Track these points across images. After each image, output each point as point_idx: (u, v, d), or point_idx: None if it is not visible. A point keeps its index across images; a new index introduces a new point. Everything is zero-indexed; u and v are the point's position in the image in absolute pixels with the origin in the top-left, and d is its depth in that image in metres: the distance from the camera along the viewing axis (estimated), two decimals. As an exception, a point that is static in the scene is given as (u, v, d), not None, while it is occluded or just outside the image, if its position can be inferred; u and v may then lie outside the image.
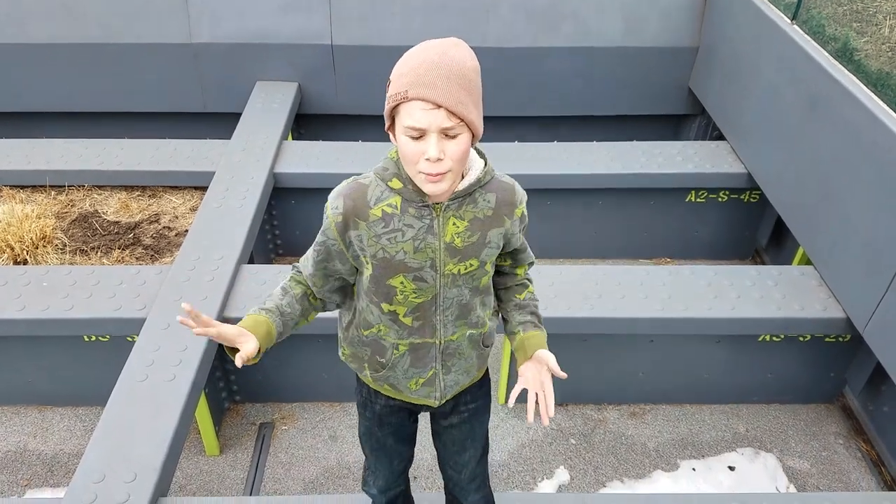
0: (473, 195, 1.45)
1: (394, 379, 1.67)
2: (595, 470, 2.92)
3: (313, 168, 3.78)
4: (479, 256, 1.49)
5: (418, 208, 1.42)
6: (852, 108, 2.86)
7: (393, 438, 1.84)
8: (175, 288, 2.86)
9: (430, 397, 1.71)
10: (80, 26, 4.32)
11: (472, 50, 1.35)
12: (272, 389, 3.16)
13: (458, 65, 1.28)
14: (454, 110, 1.27)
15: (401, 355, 1.61)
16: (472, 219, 1.46)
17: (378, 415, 1.79)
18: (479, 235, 1.47)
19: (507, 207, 1.50)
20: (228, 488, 2.82)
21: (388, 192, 1.43)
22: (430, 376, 1.66)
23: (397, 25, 4.33)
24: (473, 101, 1.31)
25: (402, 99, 1.28)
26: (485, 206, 1.47)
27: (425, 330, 1.57)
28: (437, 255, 1.46)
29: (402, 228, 1.43)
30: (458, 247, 1.46)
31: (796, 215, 3.30)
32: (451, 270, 1.48)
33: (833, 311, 2.89)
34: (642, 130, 4.75)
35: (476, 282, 1.53)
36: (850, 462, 2.98)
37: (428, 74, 1.26)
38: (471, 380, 1.76)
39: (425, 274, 1.47)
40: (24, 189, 3.82)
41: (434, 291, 1.51)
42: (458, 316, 1.57)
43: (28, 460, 2.90)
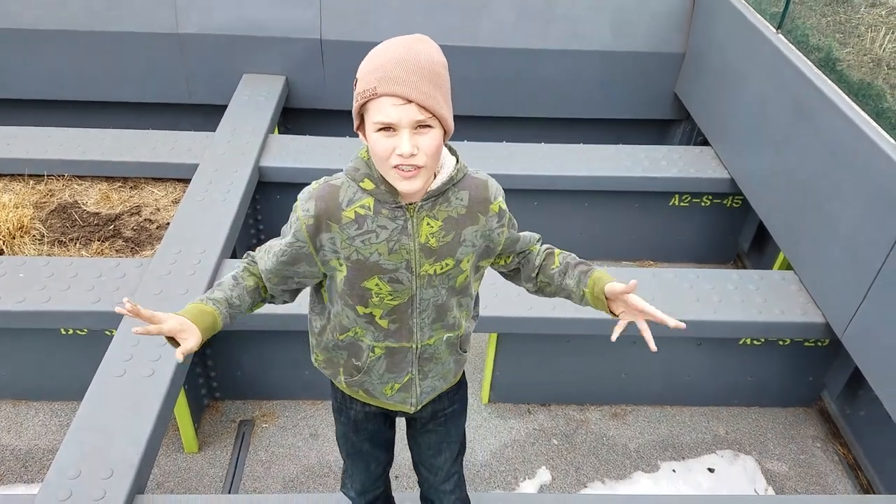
0: (446, 194, 1.43)
1: (369, 384, 1.64)
2: (576, 470, 2.93)
3: (299, 162, 3.75)
4: (454, 255, 1.47)
5: (391, 209, 1.40)
6: (834, 117, 2.89)
7: (369, 444, 1.82)
8: (156, 281, 2.82)
9: (405, 403, 1.68)
10: (66, 12, 4.24)
11: (437, 45, 1.33)
12: (253, 386, 3.13)
13: (426, 59, 1.27)
14: (424, 104, 1.25)
15: (377, 358, 1.58)
16: (445, 218, 1.44)
17: (353, 420, 1.76)
18: (454, 234, 1.45)
19: (481, 204, 1.47)
20: (207, 486, 2.78)
21: (360, 193, 1.41)
22: (406, 381, 1.63)
23: (387, 21, 4.31)
24: (443, 95, 1.30)
25: (371, 96, 1.27)
26: (458, 205, 1.45)
27: (402, 333, 1.54)
28: (413, 255, 1.43)
29: (376, 230, 1.40)
30: (433, 247, 1.44)
31: (778, 221, 3.34)
32: (427, 271, 1.46)
33: (812, 315, 2.93)
34: (628, 134, 4.78)
35: (452, 281, 1.51)
36: (828, 465, 3.02)
37: (396, 70, 1.25)
38: (447, 385, 1.73)
39: (401, 275, 1.45)
40: (1, 178, 3.75)
41: (410, 293, 1.48)
42: (434, 318, 1.54)
43: (1, 455, 2.84)
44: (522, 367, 3.12)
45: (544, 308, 2.88)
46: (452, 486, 1.91)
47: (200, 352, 2.93)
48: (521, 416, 3.17)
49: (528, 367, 3.13)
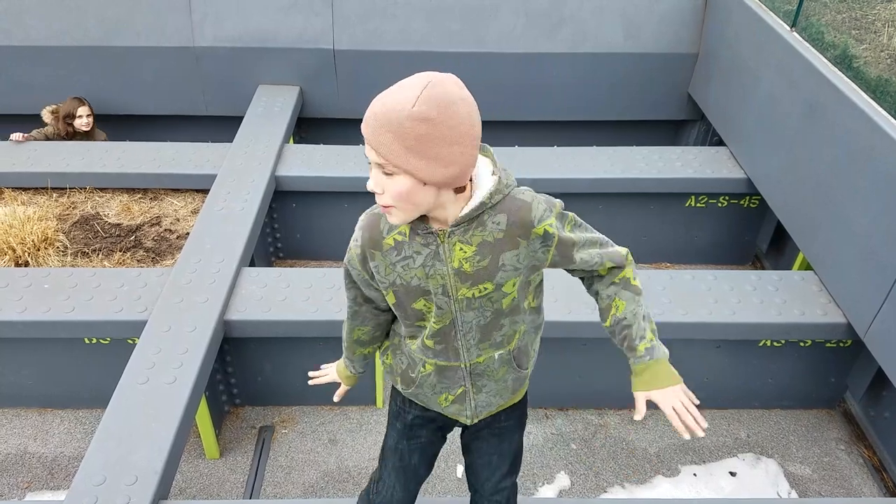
0: (481, 217, 1.39)
1: (423, 396, 1.67)
2: (596, 475, 2.92)
3: (314, 171, 3.79)
4: (493, 280, 1.44)
5: (423, 235, 1.41)
6: (851, 115, 2.87)
7: (419, 455, 1.81)
8: (176, 290, 2.86)
9: (460, 414, 1.69)
10: (83, 28, 4.33)
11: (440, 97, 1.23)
12: (272, 393, 3.16)
13: (396, 109, 1.23)
14: (378, 151, 1.27)
15: (427, 374, 1.61)
16: (480, 242, 1.40)
17: (409, 426, 1.77)
18: (490, 259, 1.41)
19: (521, 229, 1.41)
20: (228, 492, 2.81)
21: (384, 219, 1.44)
22: (460, 394, 1.64)
23: (398, 30, 4.35)
24: (406, 147, 1.24)
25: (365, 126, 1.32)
26: (494, 229, 1.40)
27: (448, 354, 1.56)
28: (448, 280, 1.44)
29: (413, 255, 1.43)
30: (467, 271, 1.42)
31: (796, 220, 3.31)
32: (465, 294, 1.45)
33: (834, 316, 2.90)
34: (642, 136, 4.76)
35: (497, 304, 1.48)
36: (852, 468, 2.98)
37: (369, 114, 1.28)
38: (507, 402, 1.73)
39: (439, 300, 1.47)
40: (25, 191, 3.83)
41: (451, 316, 1.49)
42: (480, 339, 1.53)
43: (28, 463, 2.90)
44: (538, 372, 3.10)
45: (560, 311, 2.88)
46: (502, 499, 1.87)
47: (221, 359, 2.97)
48: (538, 420, 3.16)
49: (545, 372, 3.11)
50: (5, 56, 4.38)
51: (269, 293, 2.92)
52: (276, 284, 2.96)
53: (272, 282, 2.98)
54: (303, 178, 3.77)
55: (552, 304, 2.92)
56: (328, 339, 2.94)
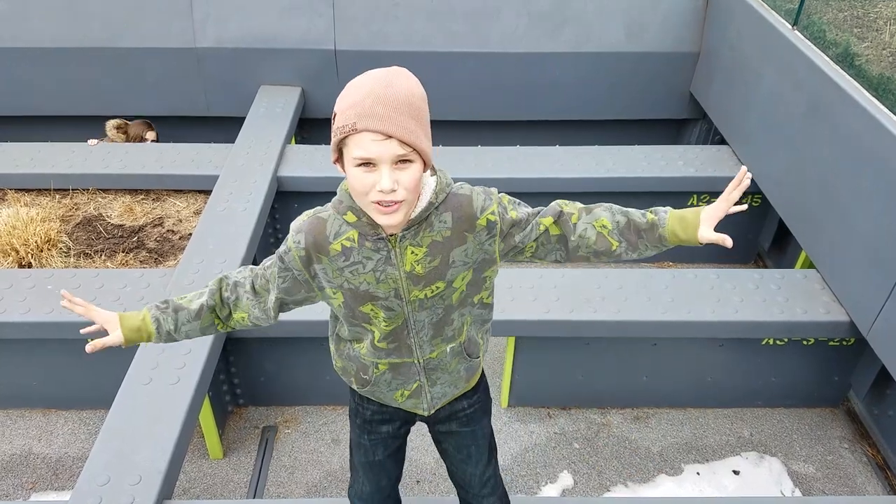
0: (429, 219, 1.41)
1: (379, 393, 1.67)
2: (599, 474, 2.92)
3: (316, 172, 3.79)
4: (444, 278, 1.45)
5: (374, 241, 1.41)
6: (854, 113, 2.86)
7: (382, 449, 1.81)
8: (179, 291, 2.86)
9: (416, 408, 1.70)
10: (85, 30, 4.34)
11: (416, 78, 1.32)
12: (275, 393, 3.16)
13: (406, 94, 1.26)
14: (405, 139, 1.25)
15: (381, 373, 1.61)
16: (430, 243, 1.42)
17: (368, 421, 1.77)
18: (441, 258, 1.43)
19: (466, 223, 1.43)
20: (232, 491, 2.82)
21: (345, 225, 1.42)
22: (416, 388, 1.65)
23: (400, 31, 4.35)
24: (423, 129, 1.29)
25: (351, 131, 1.25)
26: (441, 228, 1.42)
27: (402, 351, 1.57)
28: (400, 284, 1.44)
29: (362, 261, 1.42)
30: (419, 274, 1.43)
31: (799, 219, 3.30)
32: (417, 296, 1.46)
33: (836, 314, 2.89)
34: (644, 135, 4.76)
35: (447, 301, 1.50)
36: (856, 466, 2.97)
37: (376, 105, 1.24)
38: (461, 391, 1.74)
39: (391, 303, 1.47)
40: (28, 192, 3.84)
41: (403, 317, 1.50)
42: (432, 335, 1.55)
43: (33, 463, 2.90)
44: (541, 371, 3.12)
45: (562, 311, 2.88)
46: (490, 490, 1.90)
47: (224, 359, 2.97)
48: (541, 419, 3.17)
49: (547, 371, 3.12)
50: (10, 58, 4.39)
51: (271, 293, 2.92)
52: (279, 285, 2.96)
53: (275, 282, 2.98)
54: (304, 179, 3.78)
55: (553, 303, 2.92)
56: (331, 339, 2.95)
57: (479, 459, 1.86)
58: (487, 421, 1.87)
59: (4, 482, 2.82)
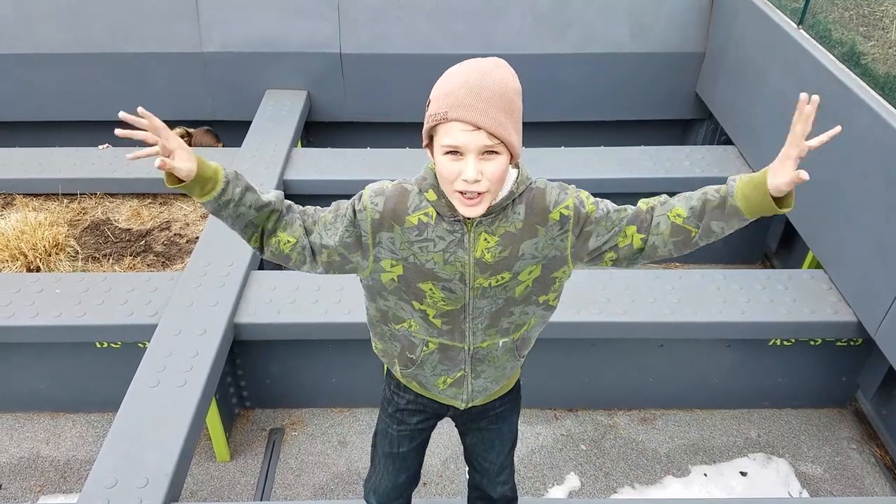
0: (506, 209, 1.44)
1: (422, 377, 1.66)
2: (606, 476, 2.91)
3: (323, 175, 3.80)
4: (511, 269, 1.46)
5: (451, 222, 1.42)
6: (860, 112, 2.85)
7: (408, 441, 1.82)
8: (186, 294, 2.88)
9: (456, 398, 1.70)
10: (92, 36, 4.37)
11: (513, 70, 1.34)
12: (282, 395, 3.17)
13: (500, 86, 1.29)
14: (494, 131, 1.27)
15: (430, 353, 1.60)
16: (503, 234, 1.44)
17: (401, 410, 1.77)
18: (511, 250, 1.44)
19: (539, 216, 1.45)
20: (239, 494, 2.83)
21: (425, 201, 1.44)
22: (459, 377, 1.65)
23: (405, 33, 4.36)
24: (513, 122, 1.31)
25: (442, 119, 1.29)
26: (515, 219, 1.44)
27: (454, 334, 1.56)
28: (467, 269, 1.45)
29: (435, 239, 1.43)
30: (488, 262, 1.44)
31: (805, 219, 3.29)
32: (482, 283, 1.47)
33: (844, 314, 2.88)
34: (649, 136, 4.75)
35: (510, 292, 1.50)
36: (864, 467, 2.95)
37: (468, 97, 1.27)
38: (500, 388, 1.74)
39: (454, 286, 1.47)
40: (37, 197, 3.87)
41: (463, 301, 1.50)
42: (488, 325, 1.54)
43: (41, 466, 2.92)
44: (547, 372, 3.11)
45: (567, 312, 2.88)
46: (505, 478, 1.94)
47: (231, 362, 2.98)
48: (547, 421, 3.16)
49: (553, 372, 3.12)
50: (16, 63, 4.43)
51: (278, 296, 2.93)
52: (286, 287, 2.98)
53: (281, 285, 3.00)
54: (311, 182, 3.79)
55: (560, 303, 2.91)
56: (339, 342, 2.96)
57: (502, 450, 1.88)
58: (516, 418, 1.87)
59: (13, 485, 2.84)
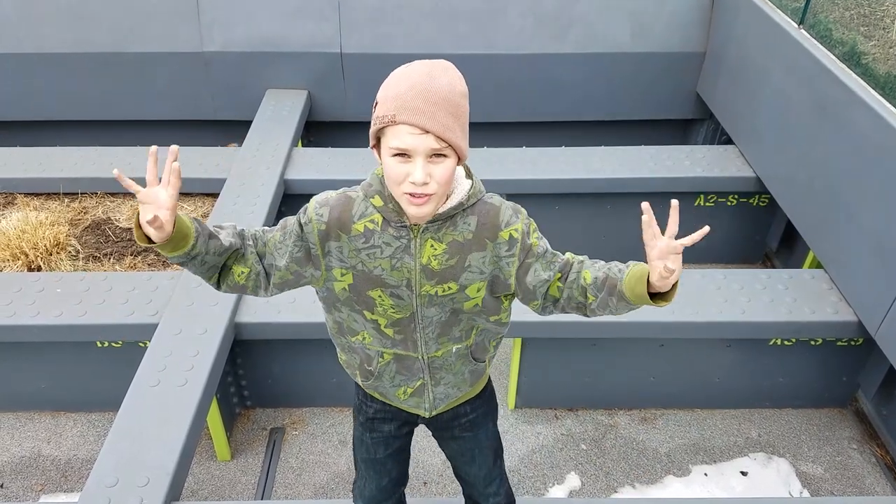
0: (454, 218, 1.43)
1: (382, 388, 1.66)
2: (606, 475, 2.92)
3: (323, 174, 3.80)
4: (457, 280, 1.46)
5: (397, 228, 1.42)
6: (861, 112, 2.85)
7: (383, 448, 1.81)
8: (187, 294, 2.88)
9: (419, 407, 1.69)
10: (93, 36, 4.37)
11: (460, 73, 1.36)
12: (283, 395, 3.17)
13: (447, 90, 1.29)
14: (441, 135, 1.28)
15: (386, 363, 1.60)
16: (450, 241, 1.44)
17: (370, 419, 1.78)
18: (458, 259, 1.44)
19: (489, 231, 1.45)
20: (240, 493, 2.83)
21: (371, 208, 1.44)
22: (419, 386, 1.64)
23: (406, 33, 4.36)
24: (460, 125, 1.32)
25: (390, 122, 1.29)
26: (464, 229, 1.44)
27: (407, 344, 1.56)
28: (413, 275, 1.45)
29: (381, 245, 1.43)
30: (434, 269, 1.44)
31: (806, 219, 3.29)
32: (428, 291, 1.47)
33: (844, 314, 2.88)
34: (650, 135, 4.75)
35: (457, 304, 1.50)
36: (865, 467, 2.95)
37: (416, 100, 1.27)
38: (465, 395, 1.73)
39: (401, 292, 1.47)
40: (38, 196, 3.87)
41: (412, 310, 1.50)
42: (439, 333, 1.54)
43: (42, 465, 2.92)
44: (548, 372, 3.11)
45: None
46: (496, 489, 1.91)
47: (231, 361, 2.99)
48: (548, 421, 3.16)
49: (554, 372, 3.12)
50: (19, 63, 4.43)
51: (278, 296, 2.93)
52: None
53: (281, 284, 3.00)
54: (311, 182, 3.79)
55: (561, 304, 2.91)
56: (337, 341, 2.96)
57: (483, 462, 1.85)
58: (493, 426, 1.86)
59: (14, 484, 2.85)
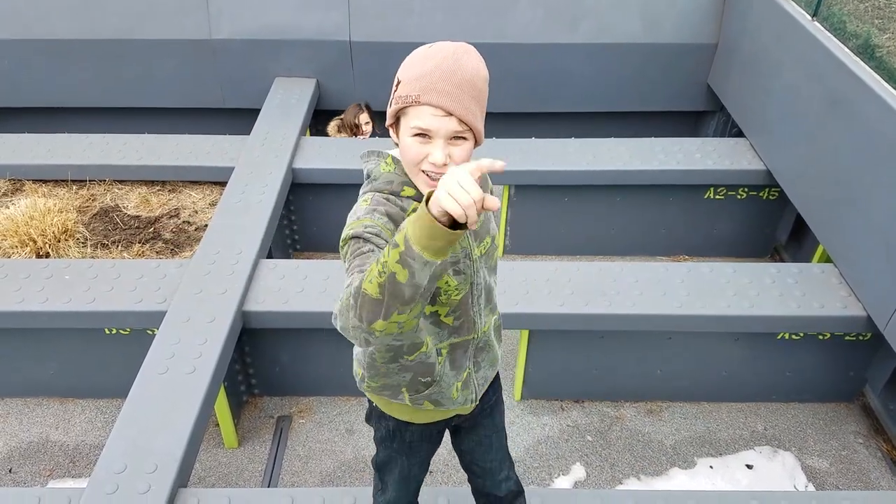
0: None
1: (437, 394, 1.62)
2: (612, 467, 2.92)
3: (331, 164, 3.80)
4: (489, 231, 1.56)
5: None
6: (874, 106, 2.82)
7: (419, 467, 1.82)
8: (195, 282, 2.89)
9: (466, 401, 1.69)
10: (102, 22, 4.36)
11: (481, 57, 1.35)
12: (290, 383, 3.18)
13: (472, 73, 1.29)
14: (464, 118, 1.28)
15: (443, 364, 1.58)
16: None
17: (408, 444, 1.75)
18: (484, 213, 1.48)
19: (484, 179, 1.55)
20: (247, 480, 2.85)
21: (406, 200, 1.41)
22: (465, 378, 1.65)
23: (415, 22, 4.34)
24: (481, 109, 1.33)
25: (414, 102, 1.28)
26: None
27: (464, 328, 1.56)
28: (468, 241, 1.48)
29: None
30: (476, 229, 1.51)
31: (816, 213, 3.27)
32: (478, 253, 1.52)
33: (853, 309, 2.87)
34: (661, 127, 4.72)
35: (491, 260, 1.57)
36: (870, 461, 2.95)
37: (441, 82, 1.26)
38: (495, 371, 1.76)
39: (461, 266, 1.48)
40: (46, 183, 3.88)
41: (470, 279, 1.51)
42: (486, 302, 1.59)
43: (51, 451, 2.95)
44: (555, 364, 3.11)
45: (576, 304, 2.87)
46: (507, 472, 1.92)
47: (239, 349, 3.00)
48: (554, 412, 3.17)
49: (561, 364, 3.12)
50: (26, 50, 4.43)
51: (286, 284, 2.94)
52: (294, 276, 2.98)
53: (290, 273, 3.01)
54: (319, 171, 3.79)
55: (568, 296, 2.91)
56: (345, 331, 2.96)
57: (500, 446, 1.87)
58: (503, 407, 1.90)
59: (23, 469, 2.87)
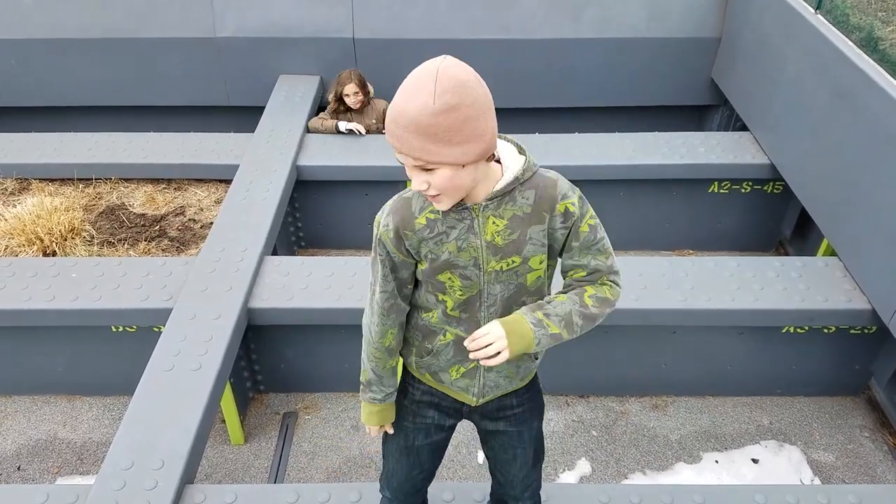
0: (512, 193, 1.47)
1: (436, 366, 1.68)
2: (617, 462, 2.92)
3: (335, 161, 3.80)
4: (521, 253, 1.50)
5: (458, 211, 1.46)
6: (878, 99, 2.81)
7: (423, 436, 1.81)
8: (201, 279, 2.90)
9: (468, 391, 1.70)
10: (106, 21, 4.38)
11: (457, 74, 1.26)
12: (296, 379, 3.20)
13: (415, 113, 1.26)
14: (414, 157, 1.31)
15: (446, 343, 1.63)
16: (511, 217, 1.47)
17: (416, 402, 1.78)
18: (520, 233, 1.48)
19: (547, 203, 1.48)
20: (253, 477, 2.86)
21: (428, 201, 1.47)
22: (472, 368, 1.66)
23: (418, 18, 4.34)
24: (443, 140, 1.28)
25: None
26: (523, 204, 1.48)
27: (469, 324, 1.59)
28: (480, 253, 1.49)
29: (446, 231, 1.48)
30: (498, 245, 1.48)
31: (820, 206, 3.26)
32: (494, 267, 1.51)
33: (858, 302, 2.86)
34: (665, 121, 4.71)
35: (520, 278, 1.53)
36: (876, 455, 2.94)
37: (391, 123, 1.32)
38: (513, 386, 1.74)
39: (469, 272, 1.51)
40: (52, 182, 3.90)
41: (478, 287, 1.54)
42: (501, 314, 1.56)
43: (58, 448, 2.97)
44: (559, 358, 3.11)
45: (581, 299, 2.87)
46: (530, 494, 1.90)
47: (245, 346, 3.01)
48: (559, 407, 3.17)
49: (566, 359, 3.12)
50: (32, 48, 4.45)
51: (291, 281, 2.95)
52: (299, 273, 2.99)
53: (295, 270, 3.02)
54: (324, 168, 3.79)
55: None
56: (350, 327, 2.96)
57: (525, 462, 1.85)
58: (538, 424, 1.85)
59: (31, 466, 2.90)
